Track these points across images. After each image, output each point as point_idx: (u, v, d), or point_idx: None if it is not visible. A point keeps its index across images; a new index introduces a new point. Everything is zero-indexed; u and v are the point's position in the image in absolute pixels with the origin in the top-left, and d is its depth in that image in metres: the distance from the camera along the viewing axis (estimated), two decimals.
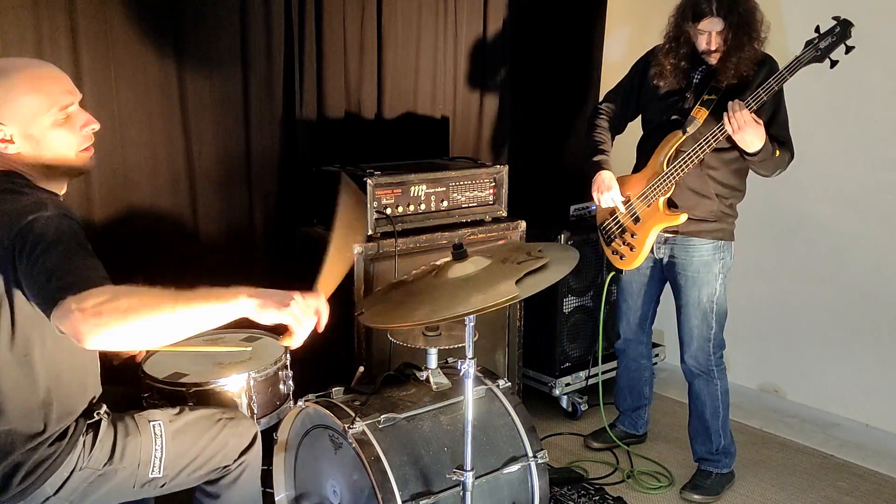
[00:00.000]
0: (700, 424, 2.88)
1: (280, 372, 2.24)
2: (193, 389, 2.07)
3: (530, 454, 2.22)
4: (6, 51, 2.32)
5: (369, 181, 2.65)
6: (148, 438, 1.80)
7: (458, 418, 2.16)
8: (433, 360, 2.28)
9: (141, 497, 1.86)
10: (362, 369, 2.42)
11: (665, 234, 2.78)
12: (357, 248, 2.62)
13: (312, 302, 1.63)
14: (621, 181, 2.81)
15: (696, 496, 2.84)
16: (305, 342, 1.65)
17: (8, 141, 1.61)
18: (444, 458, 2.08)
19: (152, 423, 1.82)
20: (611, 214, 2.89)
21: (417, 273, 2.05)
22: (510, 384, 2.35)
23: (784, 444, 3.29)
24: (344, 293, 2.64)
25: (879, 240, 3.24)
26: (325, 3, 2.97)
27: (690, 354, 2.82)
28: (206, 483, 1.91)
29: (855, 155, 3.27)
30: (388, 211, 2.72)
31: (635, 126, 2.94)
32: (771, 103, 2.54)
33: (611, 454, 3.16)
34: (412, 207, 2.80)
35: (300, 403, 2.16)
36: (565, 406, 3.47)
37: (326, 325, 1.68)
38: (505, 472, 2.16)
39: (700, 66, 2.65)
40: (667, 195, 2.69)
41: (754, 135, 2.45)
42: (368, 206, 2.66)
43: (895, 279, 3.21)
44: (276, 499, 2.33)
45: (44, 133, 1.63)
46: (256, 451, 1.96)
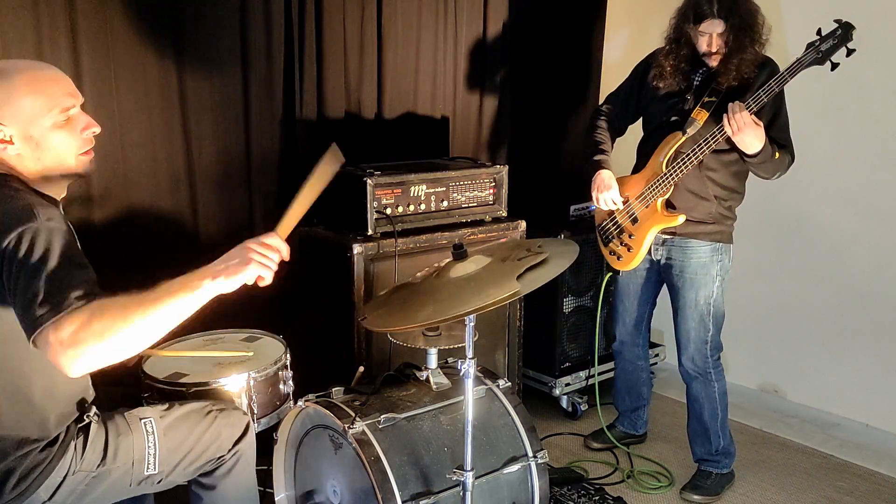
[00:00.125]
0: (699, 426, 2.88)
1: (280, 372, 2.24)
2: (193, 389, 2.07)
3: (530, 454, 2.22)
4: (6, 51, 2.33)
5: (369, 181, 2.65)
6: (140, 436, 1.80)
7: (458, 418, 2.16)
8: (433, 360, 2.28)
9: (139, 494, 1.87)
10: (362, 369, 2.42)
11: (663, 236, 2.77)
12: (357, 248, 2.63)
13: (269, 240, 1.62)
14: (621, 181, 2.81)
15: (696, 496, 2.84)
16: (305, 342, 1.66)
17: (7, 142, 1.60)
18: (444, 458, 2.08)
19: (143, 421, 1.83)
20: (609, 215, 2.89)
21: (420, 276, 2.05)
22: (510, 384, 2.35)
23: (784, 444, 3.29)
24: (343, 293, 2.66)
25: (879, 240, 3.24)
26: (325, 3, 2.97)
27: (687, 357, 2.82)
28: (202, 475, 1.92)
29: (855, 155, 3.27)
30: (388, 211, 2.72)
31: (636, 127, 2.94)
32: (772, 106, 2.53)
33: (611, 454, 3.16)
34: (412, 207, 2.80)
35: (300, 403, 2.16)
36: (565, 406, 3.47)
37: (326, 326, 1.69)
38: (505, 472, 2.16)
39: (700, 68, 2.65)
40: (665, 196, 2.69)
41: (754, 136, 2.44)
42: (368, 206, 2.66)
43: (895, 279, 3.22)
44: (276, 499, 2.33)
45: (44, 134, 1.62)
46: (250, 441, 1.97)
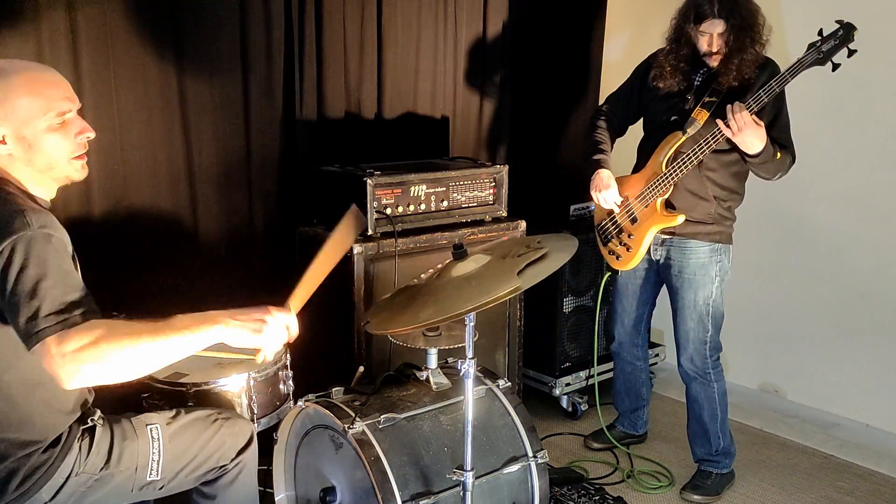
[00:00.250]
0: (699, 427, 2.88)
1: (280, 372, 2.24)
2: (193, 390, 2.07)
3: (530, 454, 2.21)
4: (6, 51, 2.32)
5: (369, 181, 2.65)
6: (145, 442, 1.80)
7: (458, 418, 2.16)
8: (433, 360, 2.28)
9: (139, 500, 1.86)
10: (362, 369, 2.42)
11: (662, 236, 2.77)
12: (357, 248, 2.63)
13: (283, 319, 1.67)
14: (620, 181, 2.81)
15: (696, 496, 2.84)
16: (306, 342, 1.66)
17: (0, 142, 1.60)
18: (445, 458, 2.07)
19: (149, 427, 1.83)
20: (608, 214, 2.89)
21: (422, 279, 2.05)
22: (510, 384, 2.35)
23: (784, 445, 3.29)
24: (343, 293, 2.66)
25: (879, 240, 3.23)
26: (325, 3, 2.97)
27: (687, 357, 2.82)
28: (204, 484, 1.91)
29: (855, 155, 3.27)
30: (388, 211, 2.72)
31: (636, 127, 2.94)
32: (773, 106, 2.53)
33: (611, 454, 3.16)
34: (412, 207, 2.80)
35: (300, 403, 2.16)
36: (565, 406, 3.47)
37: (326, 326, 1.69)
38: (505, 472, 2.16)
39: (701, 69, 2.65)
40: (665, 196, 2.69)
41: (754, 136, 2.44)
42: (368, 206, 2.66)
43: (895, 279, 3.22)
44: (276, 499, 2.33)
45: (37, 136, 1.62)
46: (253, 451, 1.96)
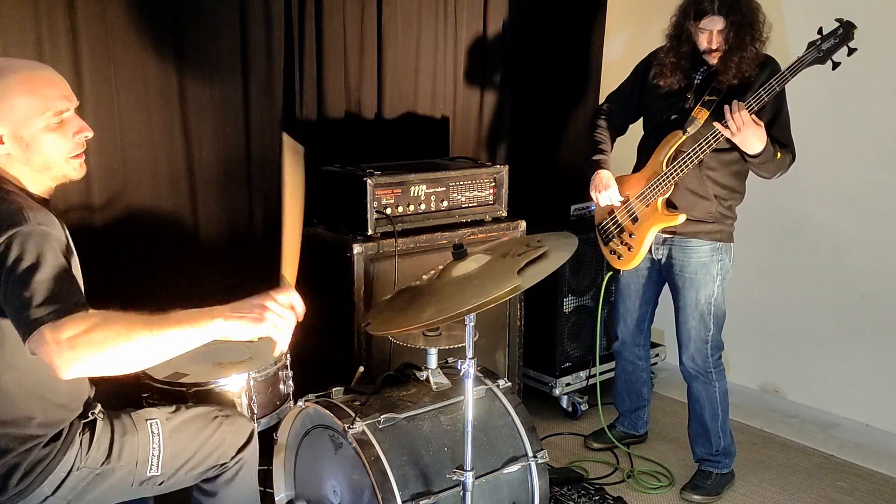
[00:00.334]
0: (700, 427, 2.88)
1: (280, 372, 2.24)
2: (193, 389, 2.08)
3: (530, 454, 2.22)
4: (6, 51, 2.32)
5: (369, 181, 2.65)
6: (145, 437, 1.80)
7: (458, 418, 2.16)
8: (433, 360, 2.28)
9: (139, 496, 1.87)
10: (362, 369, 2.42)
11: (663, 235, 2.77)
12: (357, 248, 2.63)
13: (285, 300, 1.61)
14: (621, 181, 2.81)
15: (697, 496, 2.84)
16: (306, 343, 1.65)
17: None
18: (445, 458, 2.08)
19: (149, 422, 1.83)
20: (609, 214, 2.89)
21: (423, 279, 2.05)
22: (510, 384, 2.35)
23: (784, 444, 3.29)
24: (343, 293, 2.66)
25: (879, 240, 3.23)
26: (325, 3, 2.97)
27: (688, 356, 2.82)
28: (204, 481, 1.92)
29: (855, 155, 3.26)
30: (388, 211, 2.72)
31: (636, 126, 2.94)
32: (773, 105, 2.53)
33: (611, 454, 3.16)
34: (412, 207, 2.80)
35: (300, 403, 2.16)
36: (565, 406, 3.47)
37: (327, 326, 1.69)
38: (505, 472, 2.16)
39: (701, 67, 2.65)
40: (666, 195, 2.69)
41: (754, 136, 2.44)
42: (368, 206, 2.66)
43: (895, 279, 3.21)
44: (276, 499, 2.33)
45: (35, 136, 1.61)
46: (253, 449, 1.96)
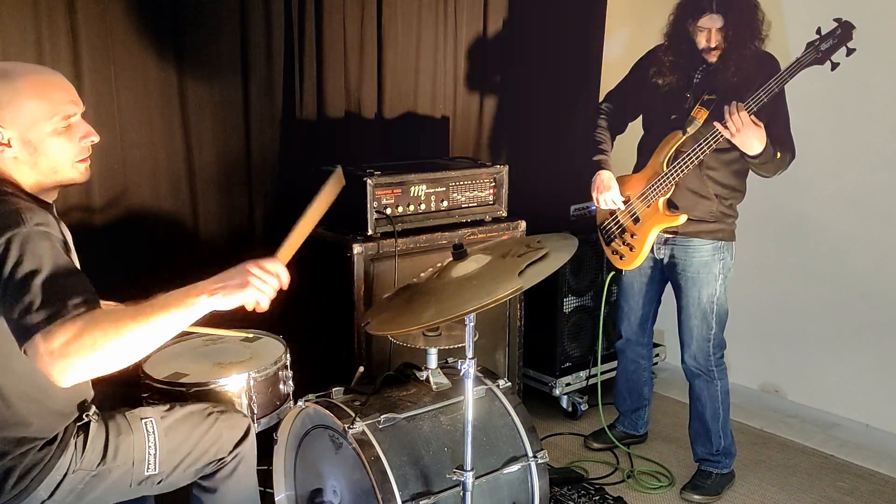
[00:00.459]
0: (701, 426, 2.88)
1: (280, 372, 2.24)
2: (193, 389, 2.07)
3: (530, 454, 2.21)
4: (6, 51, 2.32)
5: (369, 181, 2.65)
6: (140, 436, 1.80)
7: (458, 418, 2.16)
8: (433, 360, 2.28)
9: (139, 496, 1.87)
10: (362, 369, 2.41)
11: (665, 235, 2.77)
12: (357, 248, 2.63)
13: (272, 267, 1.64)
14: (621, 181, 2.81)
15: (697, 496, 2.84)
16: (305, 342, 1.65)
17: (5, 144, 1.60)
18: (445, 458, 2.07)
19: (144, 421, 1.83)
20: (611, 214, 2.89)
21: (422, 277, 2.05)
22: (510, 384, 2.35)
23: (784, 445, 3.29)
24: (343, 293, 2.66)
25: (879, 240, 3.23)
26: (325, 3, 2.97)
27: (690, 354, 2.82)
28: (203, 478, 1.92)
29: (855, 155, 3.26)
30: (388, 211, 2.72)
31: (636, 126, 2.94)
32: (772, 105, 2.52)
33: (611, 454, 3.16)
34: (412, 207, 2.80)
35: (300, 403, 2.16)
36: (565, 406, 3.47)
37: (327, 326, 1.69)
38: (505, 472, 2.15)
39: (700, 66, 2.65)
40: (667, 195, 2.69)
41: (754, 137, 2.44)
42: (368, 206, 2.66)
43: (895, 279, 3.21)
44: (276, 499, 2.33)
45: (42, 139, 1.62)
46: (251, 443, 1.97)
